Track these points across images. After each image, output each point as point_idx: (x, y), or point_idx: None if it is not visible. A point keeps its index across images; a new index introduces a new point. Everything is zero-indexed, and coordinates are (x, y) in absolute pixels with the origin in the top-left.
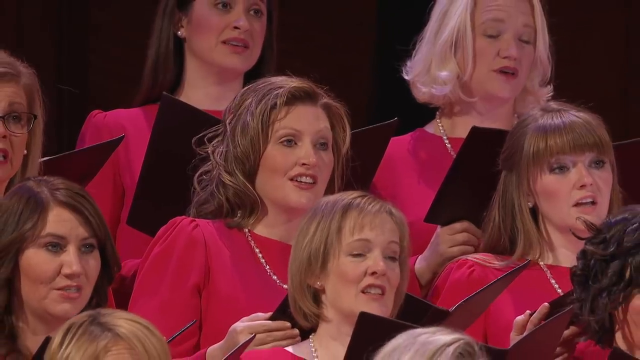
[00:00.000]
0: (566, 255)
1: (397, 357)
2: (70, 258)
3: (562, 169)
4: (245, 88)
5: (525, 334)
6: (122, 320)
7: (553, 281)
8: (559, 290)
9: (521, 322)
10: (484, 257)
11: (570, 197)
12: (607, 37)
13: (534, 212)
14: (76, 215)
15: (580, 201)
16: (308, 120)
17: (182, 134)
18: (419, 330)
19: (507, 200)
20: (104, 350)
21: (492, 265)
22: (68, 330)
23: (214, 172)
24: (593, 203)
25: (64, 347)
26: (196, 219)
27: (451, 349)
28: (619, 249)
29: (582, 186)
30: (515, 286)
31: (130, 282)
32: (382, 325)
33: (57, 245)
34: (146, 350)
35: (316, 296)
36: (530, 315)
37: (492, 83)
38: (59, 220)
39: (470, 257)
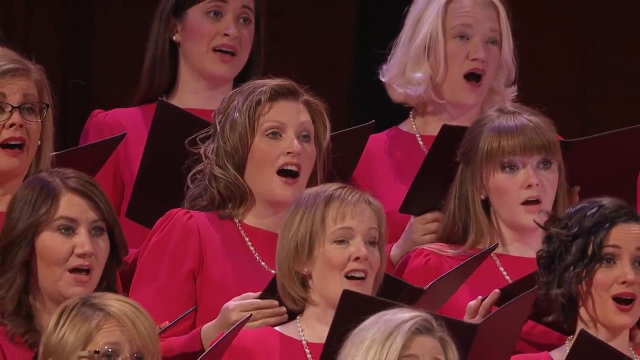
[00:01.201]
0: (514, 245)
1: (363, 335)
2: (82, 239)
3: (512, 168)
4: (232, 91)
5: (477, 317)
6: (112, 301)
7: (502, 269)
8: (507, 278)
9: (474, 307)
10: (439, 246)
11: (519, 196)
12: (566, 41)
13: (487, 203)
14: (86, 200)
15: (526, 200)
16: (291, 114)
17: (176, 135)
18: (386, 311)
19: (462, 192)
20: (97, 329)
21: (446, 253)
22: (62, 312)
23: (206, 169)
24: (538, 202)
25: (58, 328)
26: (190, 211)
27: (408, 325)
28: (581, 229)
29: (529, 186)
30: None
31: (129, 267)
32: (364, 303)
33: (69, 228)
34: (136, 327)
35: (303, 281)
36: (482, 300)
37: (460, 92)
38: (71, 204)
39: (426, 246)
